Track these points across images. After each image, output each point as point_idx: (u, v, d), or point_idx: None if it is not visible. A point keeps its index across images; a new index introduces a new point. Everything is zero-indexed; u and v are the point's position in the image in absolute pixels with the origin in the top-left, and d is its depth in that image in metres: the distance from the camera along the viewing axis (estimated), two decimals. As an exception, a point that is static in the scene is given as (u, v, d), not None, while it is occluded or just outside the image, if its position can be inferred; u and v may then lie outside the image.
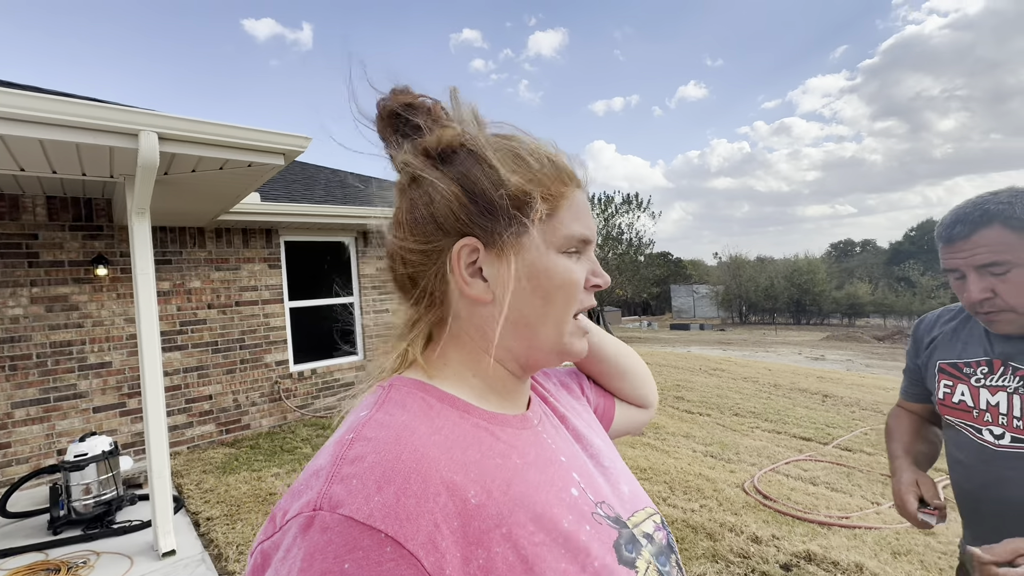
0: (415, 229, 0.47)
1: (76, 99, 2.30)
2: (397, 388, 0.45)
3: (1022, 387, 0.96)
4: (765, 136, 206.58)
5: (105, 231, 4.36)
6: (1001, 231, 0.90)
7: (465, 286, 0.46)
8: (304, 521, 0.33)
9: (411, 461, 0.36)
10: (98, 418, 4.28)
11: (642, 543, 0.47)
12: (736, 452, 4.36)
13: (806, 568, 2.52)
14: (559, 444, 0.51)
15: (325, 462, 0.37)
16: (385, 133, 0.50)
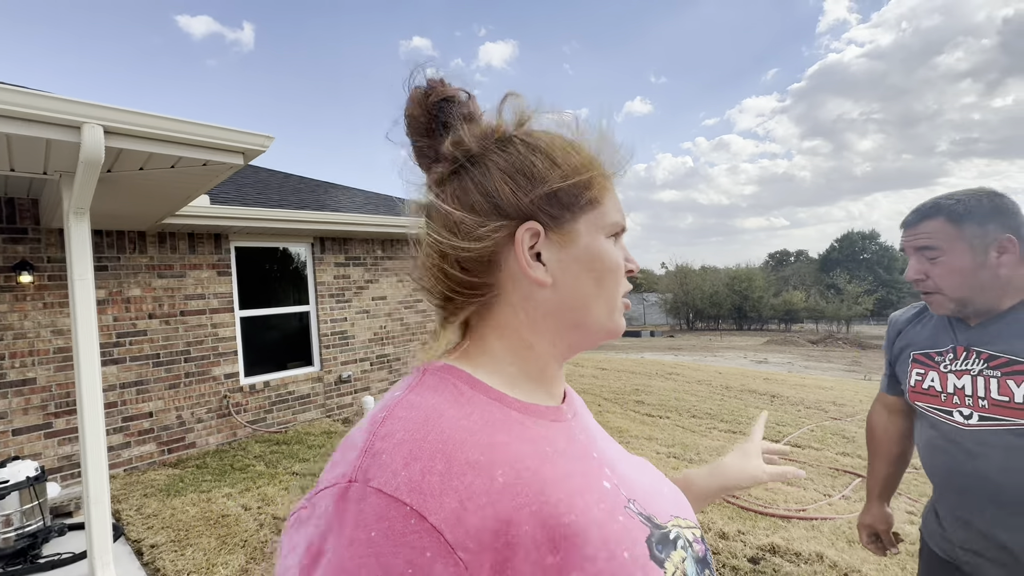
0: (474, 213, 0.46)
1: (8, 86, 2.08)
2: (431, 373, 0.46)
3: (985, 369, 1.05)
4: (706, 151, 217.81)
5: (30, 234, 3.97)
6: (942, 223, 1.05)
7: (528, 270, 0.46)
8: (338, 492, 0.35)
9: (436, 442, 0.37)
10: (19, 441, 3.85)
11: (674, 546, 0.46)
12: (697, 452, 4.50)
13: (772, 560, 2.62)
14: (592, 440, 0.50)
15: (360, 437, 0.39)
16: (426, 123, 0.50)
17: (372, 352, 6.46)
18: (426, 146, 0.51)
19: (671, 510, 0.51)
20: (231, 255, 5.20)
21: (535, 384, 0.49)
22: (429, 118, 0.50)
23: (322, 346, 5.94)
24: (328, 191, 7.69)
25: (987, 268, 1.02)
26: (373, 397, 5.91)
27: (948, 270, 1.05)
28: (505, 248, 0.47)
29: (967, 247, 1.03)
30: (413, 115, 0.50)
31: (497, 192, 0.46)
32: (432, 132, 0.50)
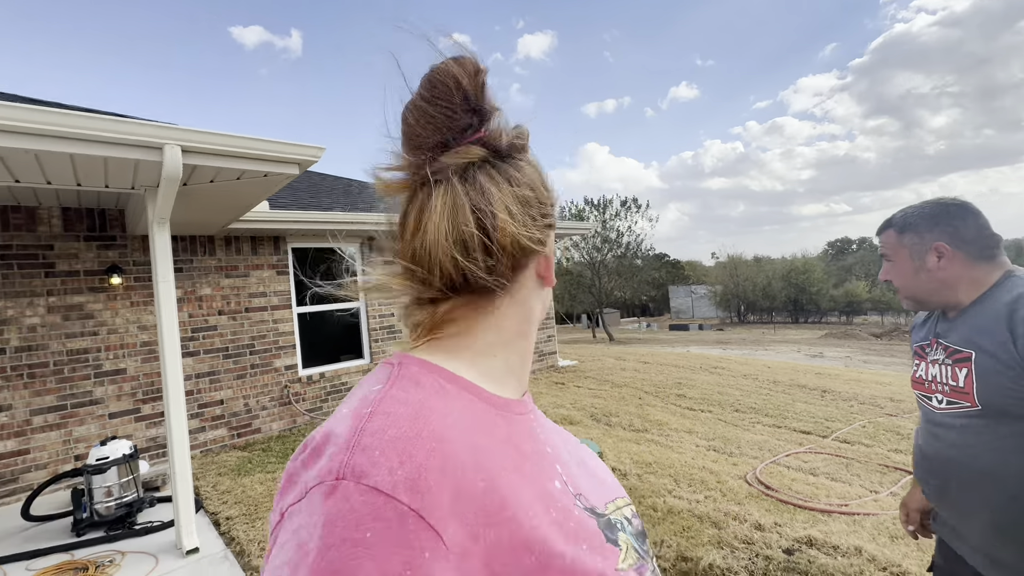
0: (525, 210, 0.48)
1: (105, 115, 2.41)
2: (407, 366, 0.45)
3: (945, 358, 1.18)
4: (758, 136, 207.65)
5: (119, 241, 4.47)
6: (892, 233, 1.25)
7: (551, 269, 0.52)
8: (327, 489, 0.34)
9: (430, 439, 0.37)
10: (114, 424, 4.37)
11: (618, 527, 0.49)
12: (738, 446, 4.46)
13: (807, 552, 2.63)
14: (546, 434, 0.52)
15: (344, 432, 0.37)
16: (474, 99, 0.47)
17: (418, 346, 6.75)
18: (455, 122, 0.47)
19: (608, 495, 0.54)
20: (289, 256, 5.60)
21: (512, 376, 0.51)
22: (474, 97, 0.47)
23: (371, 340, 6.29)
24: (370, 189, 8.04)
25: (925, 271, 1.17)
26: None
27: (897, 274, 1.23)
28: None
29: (907, 253, 1.20)
30: (457, 86, 0.46)
31: (545, 195, 0.50)
32: (473, 112, 0.47)
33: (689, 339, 22.00)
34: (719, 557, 2.58)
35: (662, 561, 2.55)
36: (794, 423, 5.25)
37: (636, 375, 7.99)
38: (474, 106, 0.47)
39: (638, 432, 4.88)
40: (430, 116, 0.46)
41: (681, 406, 6.01)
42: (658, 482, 3.52)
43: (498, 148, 0.48)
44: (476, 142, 0.47)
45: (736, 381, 7.55)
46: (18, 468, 3.95)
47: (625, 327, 35.34)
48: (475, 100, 0.47)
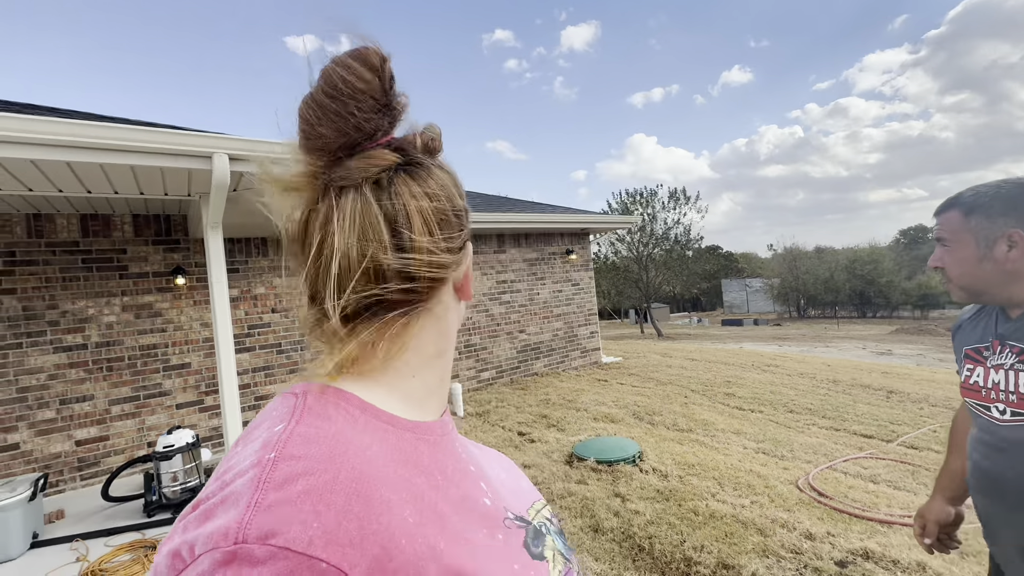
0: (445, 224, 0.44)
1: (160, 127, 2.59)
2: (313, 396, 0.40)
3: (1017, 363, 1.03)
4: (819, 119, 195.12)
5: (182, 244, 4.80)
6: (955, 214, 1.08)
7: (468, 283, 0.47)
8: (222, 557, 0.29)
9: (349, 481, 0.33)
10: (180, 414, 4.71)
11: (543, 532, 0.48)
12: (790, 449, 4.23)
13: (863, 565, 2.46)
14: (468, 453, 0.50)
15: (244, 487, 0.32)
16: (380, 97, 0.42)
17: (460, 342, 6.85)
18: (365, 122, 0.41)
19: (528, 500, 0.53)
20: (335, 255, 5.82)
21: (432, 396, 0.47)
22: (383, 92, 0.42)
23: (415, 336, 6.43)
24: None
25: (992, 261, 1.02)
26: (460, 385, 6.28)
27: (954, 261, 1.09)
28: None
29: (972, 239, 1.04)
30: (363, 80, 0.40)
31: (460, 205, 0.45)
32: (383, 110, 0.42)
33: (743, 335, 21.09)
34: (763, 566, 2.46)
35: (701, 568, 2.46)
36: (854, 426, 4.92)
37: (682, 372, 7.74)
38: (383, 103, 0.42)
39: (682, 432, 4.73)
40: (333, 115, 0.40)
41: (729, 405, 5.77)
42: (701, 484, 3.40)
43: (412, 152, 0.44)
44: (388, 145, 0.42)
45: (791, 380, 7.16)
46: (100, 452, 4.35)
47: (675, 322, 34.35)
48: (383, 96, 0.42)
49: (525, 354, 7.56)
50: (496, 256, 7.37)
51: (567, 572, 0.47)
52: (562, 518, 3.02)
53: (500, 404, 5.84)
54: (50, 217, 4.23)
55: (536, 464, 3.88)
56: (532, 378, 7.31)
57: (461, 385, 6.25)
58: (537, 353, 7.71)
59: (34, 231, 4.17)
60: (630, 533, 2.80)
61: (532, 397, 6.10)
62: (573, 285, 8.34)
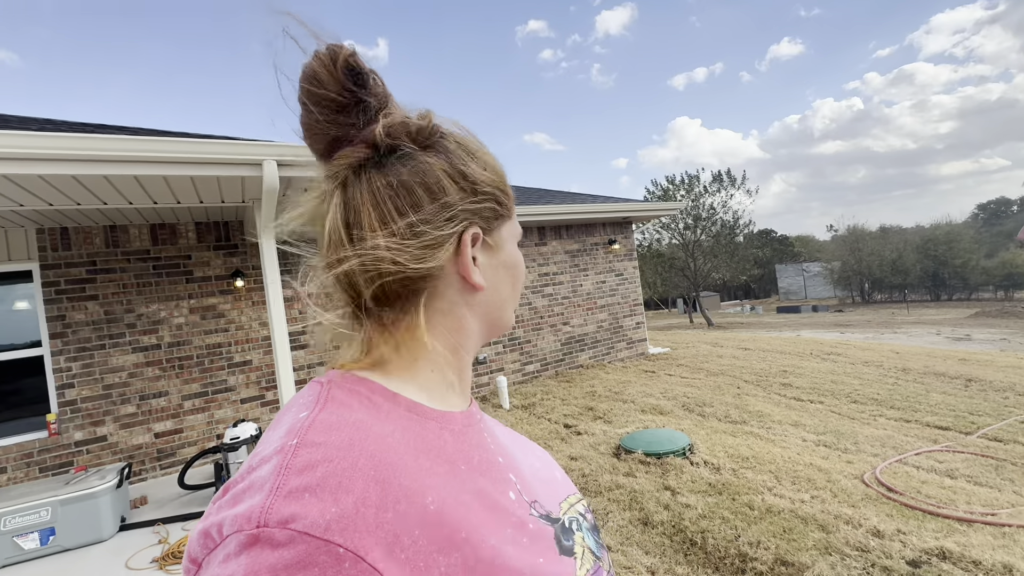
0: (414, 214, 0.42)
1: (215, 139, 2.74)
2: (338, 385, 0.41)
3: None
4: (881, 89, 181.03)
5: (240, 248, 5.08)
6: None
7: (471, 274, 0.45)
8: (246, 539, 0.30)
9: (368, 468, 0.34)
10: (244, 408, 5.02)
11: (574, 530, 0.47)
12: (854, 442, 4.00)
13: (939, 566, 2.29)
14: (496, 443, 0.49)
15: (267, 473, 0.33)
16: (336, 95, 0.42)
17: (504, 335, 6.90)
18: (330, 122, 0.42)
19: (561, 494, 0.52)
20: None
21: (451, 388, 0.47)
22: (340, 89, 0.42)
23: (459, 331, 6.53)
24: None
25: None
26: (506, 378, 6.33)
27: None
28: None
29: None
30: (318, 80, 0.41)
31: (444, 192, 0.43)
32: (345, 108, 0.42)
33: (800, 322, 20.06)
34: (826, 564, 2.34)
35: (758, 564, 2.38)
36: (927, 417, 4.58)
37: (734, 362, 7.46)
38: (349, 102, 0.42)
39: (735, 424, 4.56)
40: (310, 124, 0.43)
41: (786, 396, 5.51)
42: (756, 478, 3.27)
43: (377, 143, 0.42)
44: (362, 142, 0.43)
45: (855, 369, 6.75)
46: (175, 444, 4.70)
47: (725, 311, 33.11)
48: (346, 95, 0.42)
49: (569, 346, 7.52)
50: (537, 249, 7.35)
51: (596, 570, 0.46)
52: (608, 511, 2.99)
53: (545, 397, 5.85)
54: (124, 228, 4.58)
55: (583, 456, 3.86)
56: (577, 370, 7.26)
57: (506, 378, 6.30)
58: (582, 345, 7.65)
59: (111, 241, 4.54)
60: (681, 527, 2.73)
61: (578, 389, 6.06)
62: (617, 275, 8.19)
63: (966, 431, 4.21)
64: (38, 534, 3.13)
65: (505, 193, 0.49)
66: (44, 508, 3.15)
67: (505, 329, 0.52)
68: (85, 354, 4.42)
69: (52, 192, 2.86)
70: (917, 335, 12.82)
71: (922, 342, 11.00)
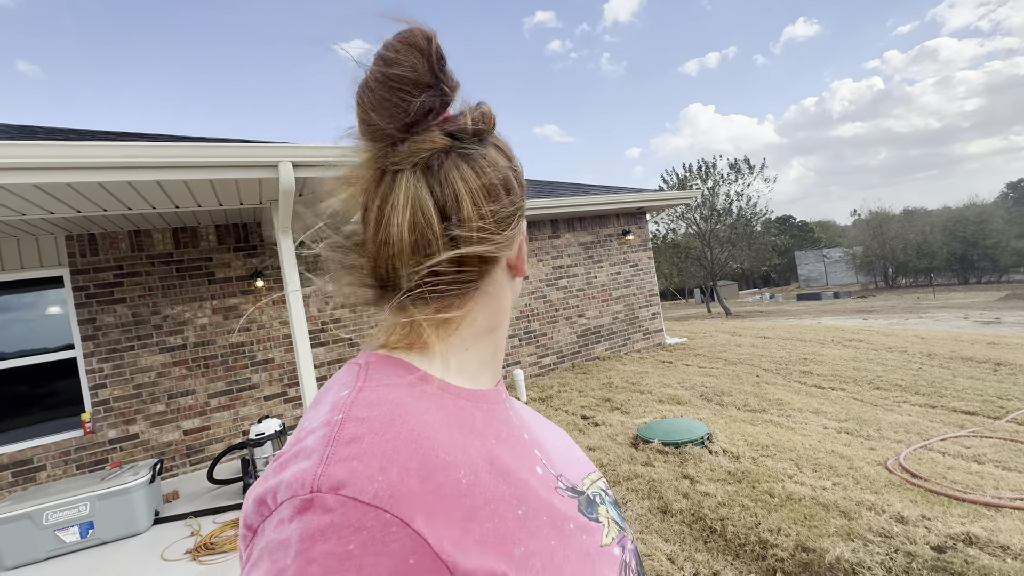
0: (496, 204, 0.44)
1: (232, 142, 2.81)
2: (375, 366, 0.43)
3: None
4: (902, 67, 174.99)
5: (259, 249, 5.19)
6: None
7: (525, 263, 0.50)
8: (300, 504, 0.32)
9: (409, 440, 0.36)
10: (268, 405, 5.14)
11: (598, 503, 0.50)
12: (877, 428, 3.94)
13: (965, 551, 2.25)
14: (522, 420, 0.52)
15: (316, 443, 0.35)
16: (429, 76, 0.42)
17: (520, 329, 6.93)
18: (410, 102, 0.41)
19: (583, 471, 0.55)
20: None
21: (485, 367, 0.50)
22: (429, 70, 0.42)
23: (475, 325, 6.58)
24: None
25: None
26: (522, 371, 6.36)
27: None
28: None
29: None
30: (410, 62, 0.41)
31: (512, 184, 0.46)
32: (429, 90, 0.42)
33: (822, 309, 19.68)
34: (848, 550, 2.32)
35: (778, 550, 2.37)
36: (953, 402, 4.48)
37: (753, 351, 7.37)
38: (431, 84, 0.42)
39: (754, 412, 4.53)
40: (384, 100, 0.41)
41: (807, 384, 5.43)
42: (776, 466, 3.24)
43: (463, 133, 0.44)
44: (439, 127, 0.43)
45: (878, 355, 6.62)
46: (203, 440, 4.85)
47: (744, 300, 32.61)
48: (431, 77, 0.42)
49: (585, 338, 7.52)
50: (551, 242, 7.35)
51: (621, 538, 0.48)
52: (627, 500, 3.01)
53: (562, 389, 5.87)
54: (148, 232, 4.72)
55: (601, 447, 3.88)
56: (594, 362, 7.26)
57: (523, 371, 6.33)
58: (598, 337, 7.64)
59: (135, 245, 4.68)
60: (700, 515, 2.74)
61: (594, 381, 6.07)
62: (631, 266, 8.15)
63: (994, 416, 4.11)
64: (78, 528, 3.27)
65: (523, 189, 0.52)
66: (83, 503, 3.29)
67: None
68: (115, 355, 4.57)
69: (80, 199, 2.96)
70: (944, 319, 12.49)
71: (949, 326, 10.72)
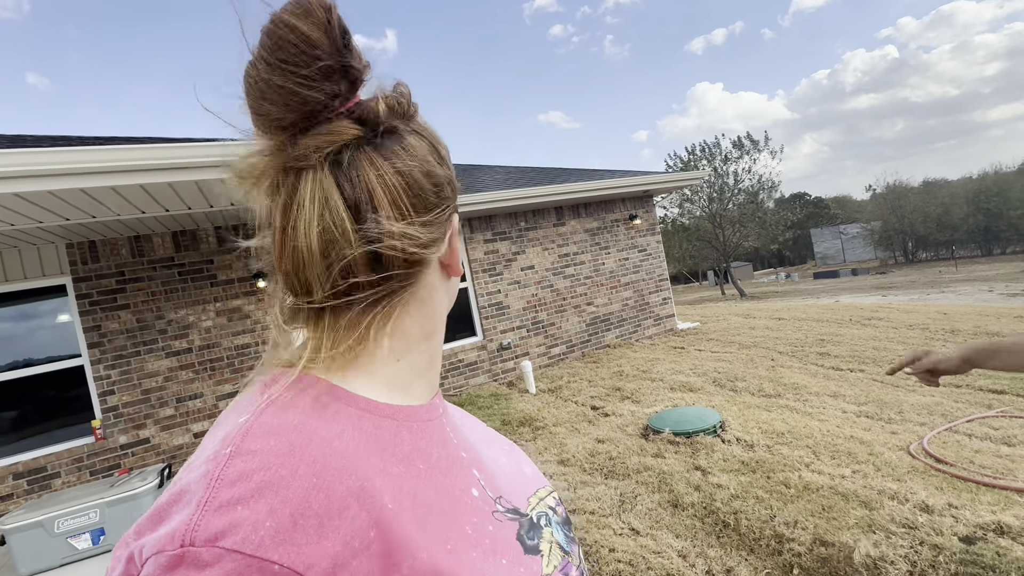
0: (420, 200, 0.39)
1: (214, 141, 2.73)
2: (283, 385, 0.37)
3: None
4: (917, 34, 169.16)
5: (259, 250, 5.16)
6: None
7: (458, 261, 0.45)
8: (168, 561, 0.28)
9: (309, 475, 0.31)
10: (276, 405, 5.14)
11: (542, 525, 0.46)
12: (899, 411, 3.78)
13: (996, 542, 2.12)
14: (460, 437, 0.47)
15: (195, 484, 0.31)
16: (329, 57, 0.35)
17: (527, 320, 6.84)
18: (312, 89, 0.35)
19: (530, 488, 0.50)
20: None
21: (419, 379, 0.44)
22: (333, 50, 0.35)
23: (482, 317, 6.51)
24: (471, 173, 8.21)
25: None
26: (531, 362, 6.28)
27: None
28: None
29: None
30: (308, 40, 0.34)
31: (439, 174, 0.41)
32: (332, 74, 0.35)
33: (839, 287, 19.26)
34: (870, 543, 2.21)
35: (795, 545, 2.26)
36: (980, 380, 4.29)
37: (768, 333, 7.19)
38: (336, 66, 0.35)
39: (769, 398, 4.39)
40: (278, 87, 0.34)
41: (824, 366, 5.27)
42: (792, 454, 3.12)
43: (377, 120, 0.38)
44: (347, 115, 0.37)
45: (898, 333, 6.40)
46: (214, 443, 4.87)
47: (759, 280, 32.12)
48: (336, 57, 0.35)
49: (595, 327, 7.40)
50: (556, 229, 7.21)
51: (564, 565, 0.45)
52: (636, 493, 2.91)
53: (572, 379, 5.78)
54: (147, 237, 4.70)
55: (610, 439, 3.79)
56: (604, 350, 7.15)
57: (531, 363, 6.25)
58: (607, 325, 7.52)
59: (136, 251, 4.67)
60: (713, 508, 2.64)
61: (605, 370, 5.96)
62: (640, 251, 7.98)
63: (1019, 394, 3.92)
64: (89, 535, 3.29)
65: (452, 182, 0.45)
66: (93, 510, 3.30)
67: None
68: (122, 361, 4.59)
69: (65, 207, 2.92)
70: (967, 293, 12.10)
71: (973, 300, 10.37)
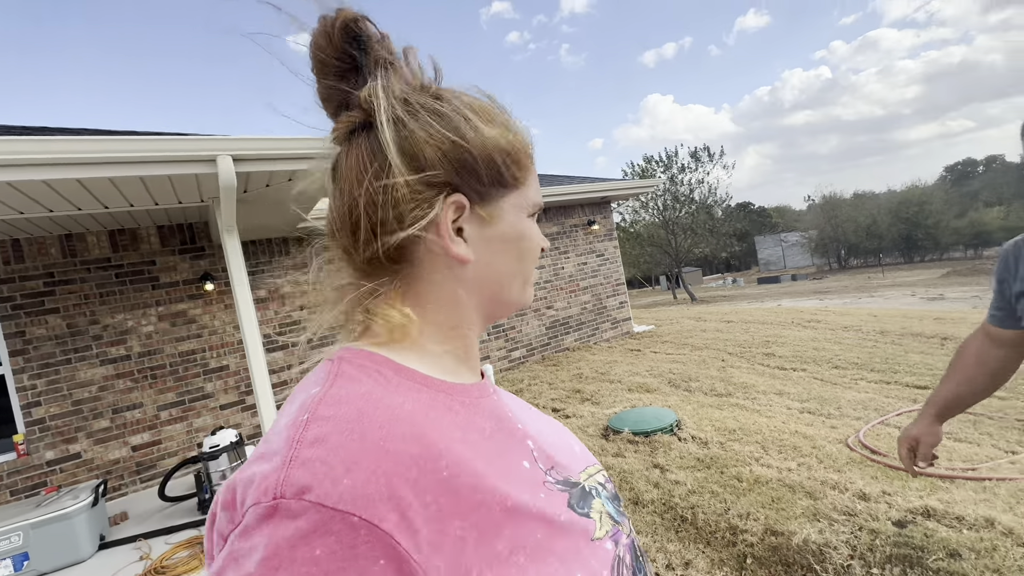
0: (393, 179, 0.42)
1: (162, 135, 2.58)
2: (348, 361, 0.42)
3: None
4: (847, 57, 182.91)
5: (207, 251, 4.90)
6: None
7: (450, 246, 0.44)
8: (264, 511, 0.31)
9: (377, 438, 0.34)
10: (225, 414, 4.88)
11: (593, 495, 0.48)
12: (837, 407, 4.05)
13: (924, 524, 2.31)
14: (515, 411, 0.50)
15: (280, 446, 0.34)
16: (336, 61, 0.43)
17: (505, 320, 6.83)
18: (333, 88, 0.44)
19: (581, 464, 0.52)
20: (356, 248, 5.85)
21: (463, 365, 0.48)
22: (339, 54, 0.43)
23: (442, 321, 6.45)
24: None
25: None
26: (492, 366, 6.28)
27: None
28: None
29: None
30: (320, 48, 0.43)
31: (422, 156, 0.42)
32: (343, 73, 0.44)
33: (781, 292, 20.41)
34: (814, 531, 2.35)
35: (748, 536, 2.38)
36: (907, 377, 4.67)
37: (718, 336, 7.53)
38: (347, 66, 0.44)
39: (720, 397, 4.59)
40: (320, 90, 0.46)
41: (770, 366, 5.57)
42: (743, 450, 3.28)
43: (375, 108, 0.43)
44: (352, 110, 0.44)
45: (835, 334, 6.86)
46: (154, 456, 4.56)
47: (708, 285, 33.53)
48: (344, 60, 0.44)
49: (554, 330, 7.50)
50: (517, 234, 7.26)
51: (615, 532, 0.47)
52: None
53: (533, 382, 5.82)
54: (81, 236, 4.36)
55: (572, 440, 3.84)
56: (563, 353, 7.25)
57: (492, 366, 6.25)
58: (567, 328, 7.63)
59: (68, 251, 4.32)
60: (671, 504, 2.73)
61: (564, 372, 6.05)
62: (598, 256, 8.17)
63: (944, 389, 4.30)
64: (11, 560, 3.00)
65: (515, 161, 0.47)
66: (15, 533, 3.02)
67: (516, 306, 0.51)
68: (50, 370, 4.23)
69: (-9, 202, 2.67)
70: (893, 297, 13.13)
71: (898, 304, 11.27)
